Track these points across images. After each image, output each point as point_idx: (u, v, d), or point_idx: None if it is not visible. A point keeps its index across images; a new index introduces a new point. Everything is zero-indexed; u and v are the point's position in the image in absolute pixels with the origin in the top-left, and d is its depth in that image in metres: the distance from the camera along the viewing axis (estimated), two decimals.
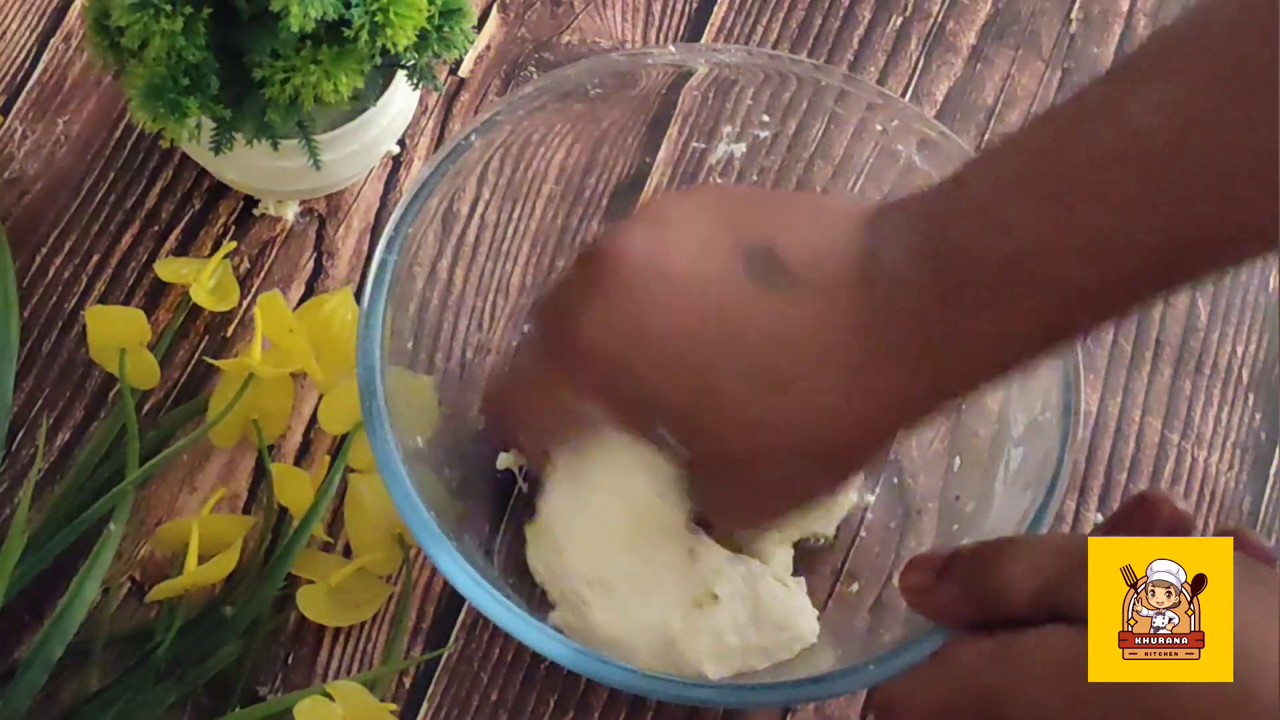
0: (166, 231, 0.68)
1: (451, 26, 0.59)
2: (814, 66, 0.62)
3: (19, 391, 0.64)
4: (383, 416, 0.54)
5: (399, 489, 0.53)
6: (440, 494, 0.57)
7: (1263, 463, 0.67)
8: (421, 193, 0.57)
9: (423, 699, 0.61)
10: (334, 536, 0.62)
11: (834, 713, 0.61)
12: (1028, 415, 0.57)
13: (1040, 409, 0.57)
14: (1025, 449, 0.57)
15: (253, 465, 0.64)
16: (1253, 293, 0.70)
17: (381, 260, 0.56)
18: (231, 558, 0.59)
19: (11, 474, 0.63)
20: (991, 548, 0.51)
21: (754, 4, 0.75)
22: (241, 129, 0.60)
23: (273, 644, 0.61)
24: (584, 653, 0.51)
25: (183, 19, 0.55)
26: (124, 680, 0.58)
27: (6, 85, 0.71)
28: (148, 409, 0.65)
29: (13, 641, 0.60)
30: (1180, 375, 0.68)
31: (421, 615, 0.62)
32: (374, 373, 0.54)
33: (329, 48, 0.57)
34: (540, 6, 0.74)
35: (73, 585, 0.58)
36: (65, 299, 0.67)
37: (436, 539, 0.52)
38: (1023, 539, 0.52)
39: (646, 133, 0.65)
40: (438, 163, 0.58)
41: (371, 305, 0.55)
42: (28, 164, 0.69)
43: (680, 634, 0.56)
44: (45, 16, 0.72)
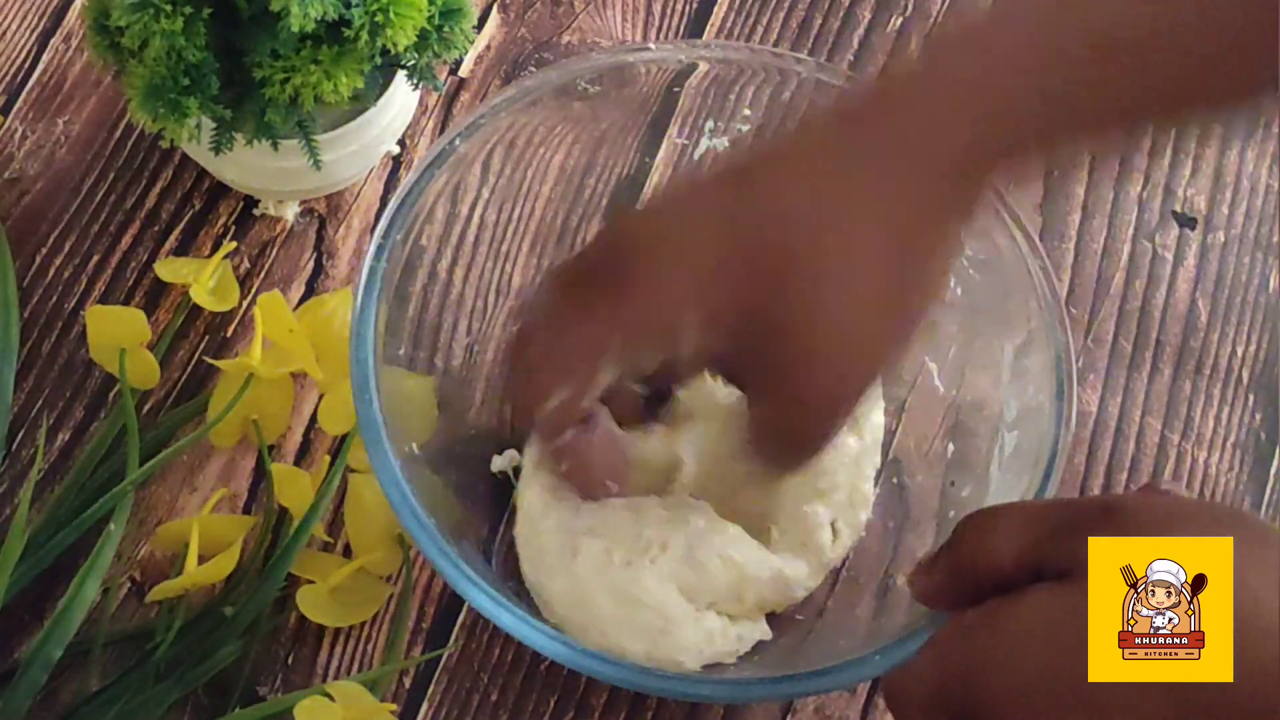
0: (166, 231, 0.68)
1: (451, 26, 0.59)
2: (816, 65, 0.62)
3: (19, 391, 0.64)
4: (378, 424, 0.53)
5: (395, 492, 0.53)
6: (440, 495, 0.57)
7: (1263, 463, 0.67)
8: (409, 198, 0.57)
9: (423, 699, 0.61)
10: (334, 536, 0.62)
11: (834, 712, 0.61)
12: (1020, 400, 0.57)
13: (1033, 393, 0.57)
14: (1019, 433, 0.57)
15: (253, 465, 0.64)
16: (1253, 293, 0.70)
17: (371, 268, 0.56)
18: (231, 558, 0.59)
19: (11, 474, 0.63)
20: (968, 524, 0.51)
21: (754, 4, 0.75)
22: (241, 129, 0.60)
23: (273, 644, 0.61)
24: (584, 652, 0.51)
25: (183, 19, 0.55)
26: (124, 680, 0.58)
27: (6, 85, 0.71)
28: (148, 409, 0.65)
29: (13, 641, 0.60)
30: (1180, 375, 0.68)
31: (421, 615, 0.62)
32: (368, 380, 0.54)
33: (329, 48, 0.57)
34: (540, 6, 0.74)
35: (73, 585, 0.58)
36: (65, 299, 0.67)
37: (433, 541, 0.52)
38: (996, 510, 0.51)
39: (646, 133, 0.65)
40: (423, 167, 0.58)
41: (363, 313, 0.55)
42: (28, 164, 0.69)
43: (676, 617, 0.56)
44: (45, 16, 0.72)
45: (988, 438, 0.59)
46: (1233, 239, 0.71)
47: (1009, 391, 0.58)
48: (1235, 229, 0.71)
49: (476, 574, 0.52)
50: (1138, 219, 0.71)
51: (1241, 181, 0.72)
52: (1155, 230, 0.71)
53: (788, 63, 0.61)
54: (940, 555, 0.51)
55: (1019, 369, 0.58)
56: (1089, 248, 0.70)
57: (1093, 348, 0.68)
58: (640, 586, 0.55)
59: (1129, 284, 0.70)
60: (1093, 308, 0.69)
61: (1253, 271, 0.70)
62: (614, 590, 0.55)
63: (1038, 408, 0.56)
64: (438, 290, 0.61)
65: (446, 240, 0.61)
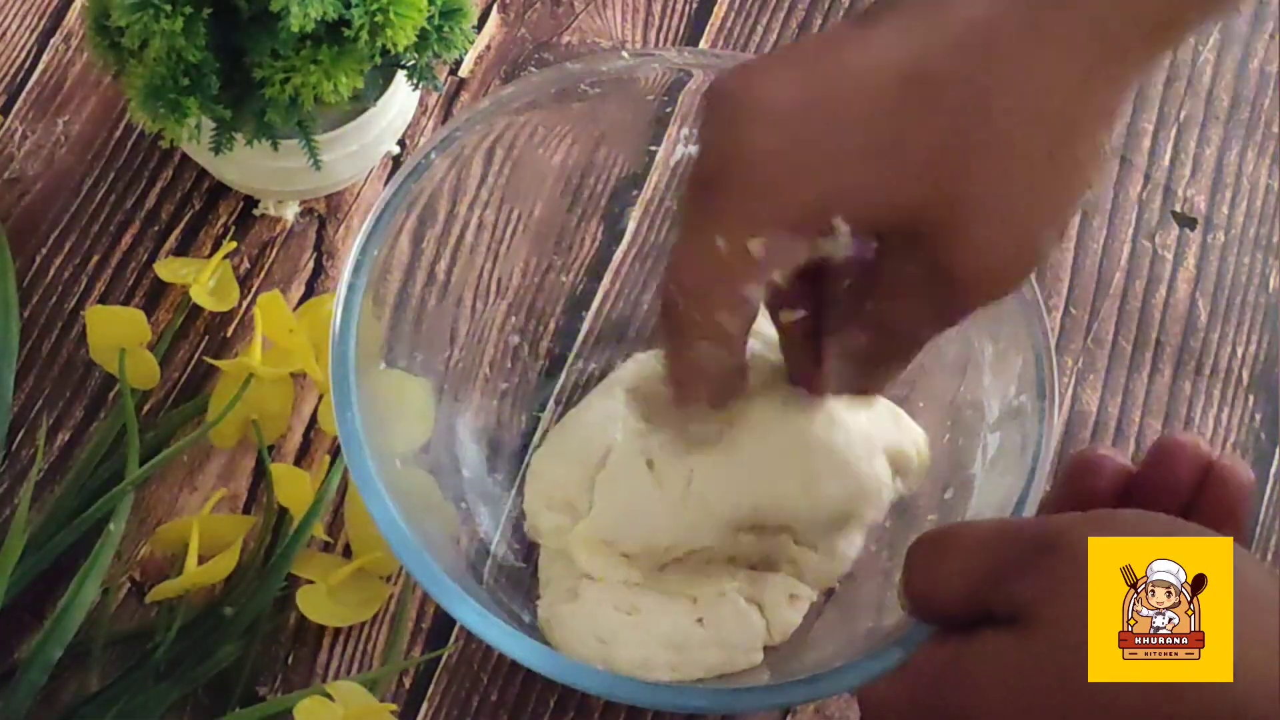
0: (166, 231, 0.68)
1: (451, 26, 0.59)
2: None
3: (19, 391, 0.64)
4: (359, 438, 0.52)
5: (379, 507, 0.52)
6: (434, 497, 0.57)
7: (1263, 463, 0.67)
8: (385, 214, 0.56)
9: (423, 699, 0.61)
10: (334, 536, 0.62)
11: (834, 713, 0.61)
12: (1002, 400, 0.57)
13: (1015, 393, 0.56)
14: (1001, 435, 0.57)
15: (253, 465, 0.64)
16: (1253, 293, 0.70)
17: (350, 284, 0.54)
18: (231, 558, 0.59)
19: (11, 474, 0.63)
20: (913, 560, 0.49)
21: (754, 4, 0.75)
22: (241, 129, 0.60)
23: (273, 644, 0.61)
24: (573, 666, 0.51)
25: (183, 19, 0.55)
26: (124, 680, 0.58)
27: (6, 85, 0.71)
28: (148, 409, 0.65)
29: (13, 641, 0.60)
30: (1180, 375, 0.68)
31: (421, 615, 0.62)
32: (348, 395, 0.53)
33: (329, 48, 0.57)
34: (540, 6, 0.74)
35: (73, 585, 0.58)
36: (65, 299, 0.67)
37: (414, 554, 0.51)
38: (938, 543, 0.50)
39: (646, 133, 0.65)
40: (399, 182, 0.57)
41: (343, 329, 0.54)
42: (28, 164, 0.69)
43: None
44: (45, 16, 0.72)
45: (970, 439, 0.58)
46: (1233, 239, 0.71)
47: (990, 392, 0.58)
48: (1235, 229, 0.71)
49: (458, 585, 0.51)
50: (1138, 219, 0.71)
51: (1241, 181, 0.72)
52: (1155, 230, 0.71)
53: None
54: (900, 584, 0.50)
55: (999, 369, 0.57)
56: (1089, 248, 0.70)
57: (1093, 348, 0.68)
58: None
59: (1129, 284, 0.70)
60: (1093, 308, 0.69)
61: (1253, 271, 0.70)
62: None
63: (1020, 408, 0.56)
64: (435, 292, 0.61)
65: (445, 241, 0.61)
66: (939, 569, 0.48)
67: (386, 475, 0.53)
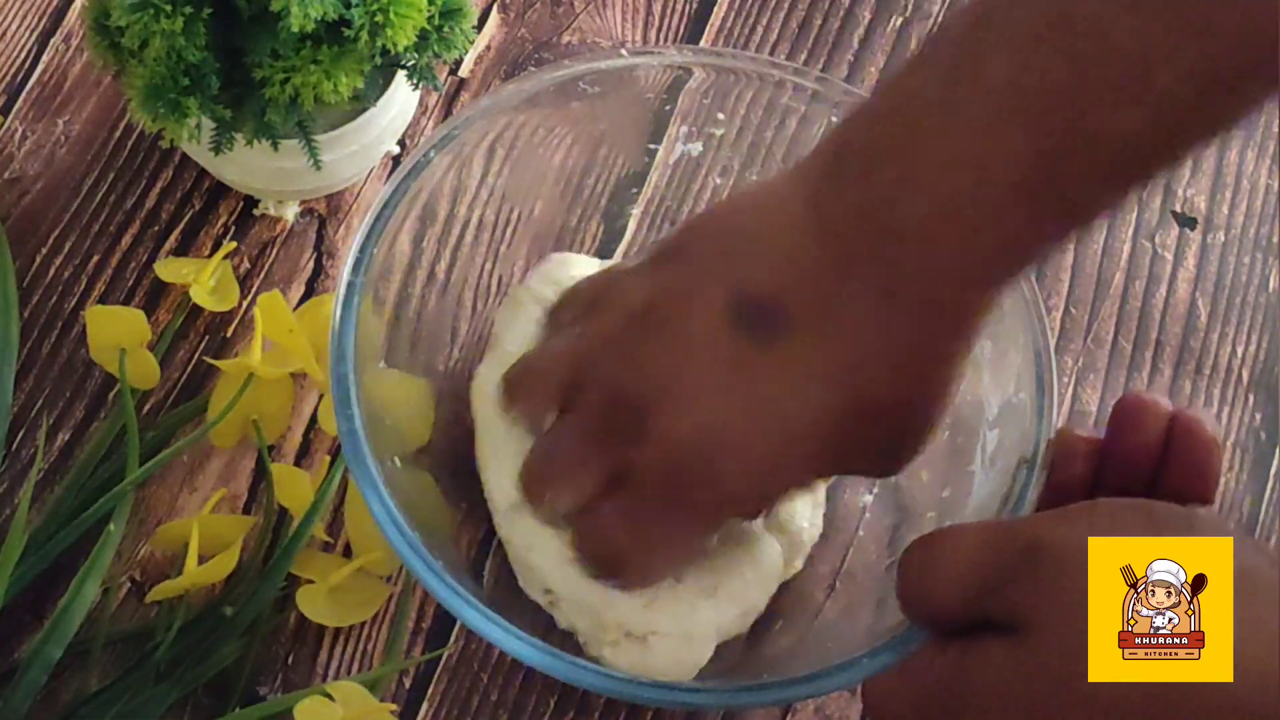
0: (166, 231, 0.68)
1: (451, 26, 0.59)
2: (816, 78, 0.61)
3: (19, 391, 0.64)
4: (359, 438, 0.53)
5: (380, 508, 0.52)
6: (433, 498, 0.57)
7: (1263, 463, 0.67)
8: (385, 213, 0.56)
9: (423, 699, 0.61)
10: (334, 536, 0.62)
11: (834, 712, 0.61)
12: (1001, 396, 0.57)
13: (1014, 389, 0.56)
14: (1000, 431, 0.57)
15: (253, 465, 0.64)
16: (1253, 293, 0.70)
17: (350, 283, 0.55)
18: (231, 558, 0.59)
19: (11, 474, 0.63)
20: (906, 565, 0.50)
21: (754, 4, 0.75)
22: (241, 129, 0.60)
23: (273, 644, 0.61)
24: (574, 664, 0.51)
25: (183, 19, 0.55)
26: (124, 680, 0.58)
27: (6, 85, 0.71)
28: (148, 409, 0.65)
29: (13, 641, 0.60)
30: (1180, 375, 0.68)
31: (421, 615, 0.62)
32: (348, 395, 0.53)
33: (329, 48, 0.57)
34: (540, 6, 0.74)
35: (73, 585, 0.58)
36: (65, 299, 0.67)
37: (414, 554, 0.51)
38: (931, 548, 0.50)
39: (646, 132, 0.65)
40: (399, 180, 0.57)
41: (343, 329, 0.54)
42: (28, 164, 0.69)
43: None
44: (45, 16, 0.72)
45: (969, 436, 0.58)
46: (1233, 239, 0.71)
47: (989, 388, 0.58)
48: (1235, 229, 0.71)
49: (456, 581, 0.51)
50: (1138, 219, 0.71)
51: (1241, 181, 0.72)
52: (1155, 230, 0.71)
53: (787, 74, 0.61)
54: (896, 589, 0.51)
55: (998, 367, 0.57)
56: (1089, 248, 0.70)
57: (1093, 348, 0.68)
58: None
59: (1129, 284, 0.70)
60: (1093, 308, 0.69)
61: (1253, 271, 0.70)
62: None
63: (1019, 405, 0.56)
64: (435, 292, 0.61)
65: (445, 241, 0.61)
66: (930, 577, 0.49)
67: (386, 475, 0.53)
